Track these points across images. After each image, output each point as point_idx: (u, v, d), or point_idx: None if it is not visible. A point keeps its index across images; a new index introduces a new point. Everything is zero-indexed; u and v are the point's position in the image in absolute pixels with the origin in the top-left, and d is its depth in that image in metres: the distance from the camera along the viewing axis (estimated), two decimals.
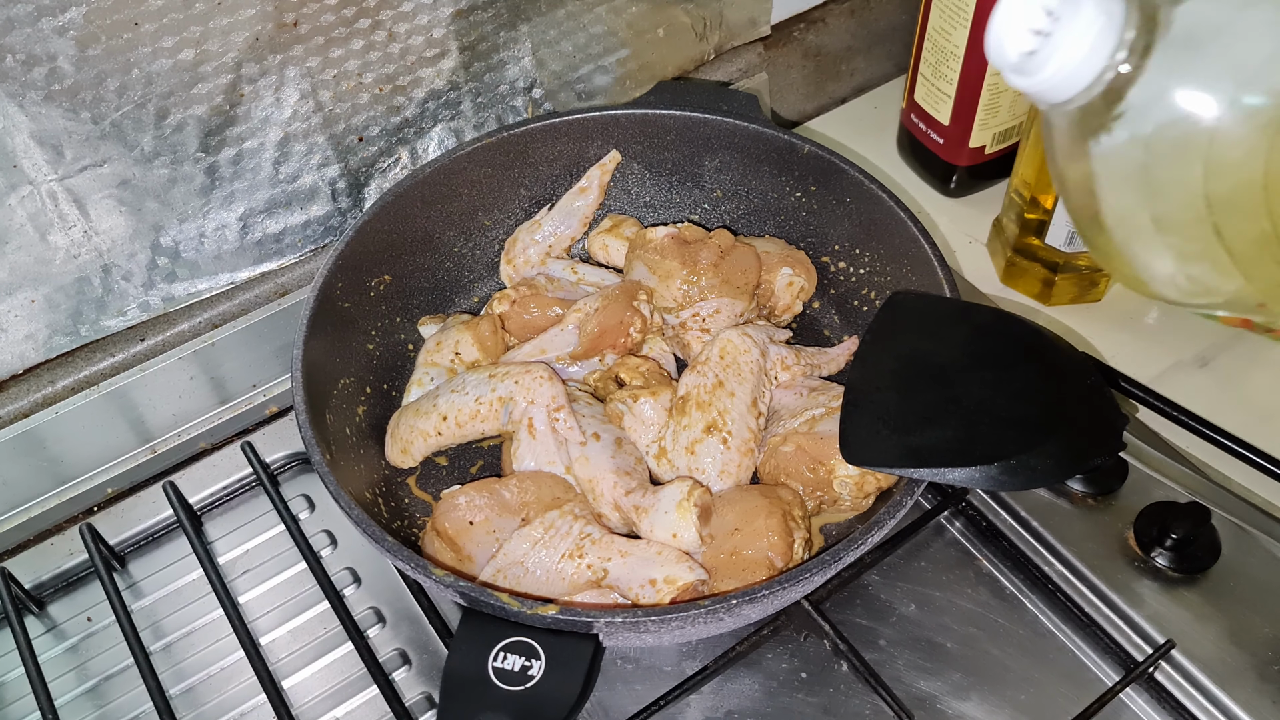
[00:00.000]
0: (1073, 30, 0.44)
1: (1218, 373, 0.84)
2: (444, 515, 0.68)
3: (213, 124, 0.75)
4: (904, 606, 0.71)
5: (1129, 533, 0.71)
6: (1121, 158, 0.46)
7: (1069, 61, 0.45)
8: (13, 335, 0.76)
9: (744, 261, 0.81)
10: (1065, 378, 0.66)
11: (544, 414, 0.72)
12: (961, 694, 0.67)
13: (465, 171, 0.84)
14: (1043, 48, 0.46)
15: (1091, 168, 0.48)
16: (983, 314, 0.71)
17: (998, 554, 0.73)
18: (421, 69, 0.83)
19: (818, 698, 0.67)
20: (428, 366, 0.80)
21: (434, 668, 0.71)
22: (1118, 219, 0.49)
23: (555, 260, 0.87)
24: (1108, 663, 0.68)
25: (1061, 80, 0.46)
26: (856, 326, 0.84)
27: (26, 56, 0.65)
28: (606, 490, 0.69)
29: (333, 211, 0.85)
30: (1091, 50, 0.45)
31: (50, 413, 0.78)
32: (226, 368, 0.84)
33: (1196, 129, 0.44)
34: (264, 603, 0.75)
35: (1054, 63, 0.46)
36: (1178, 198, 0.46)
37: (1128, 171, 0.46)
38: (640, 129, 0.87)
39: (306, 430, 0.66)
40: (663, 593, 0.63)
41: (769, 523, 0.65)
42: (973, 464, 0.60)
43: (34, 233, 0.73)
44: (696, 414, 0.72)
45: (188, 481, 0.81)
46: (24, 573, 0.76)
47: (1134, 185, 0.47)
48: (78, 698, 0.72)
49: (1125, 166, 0.46)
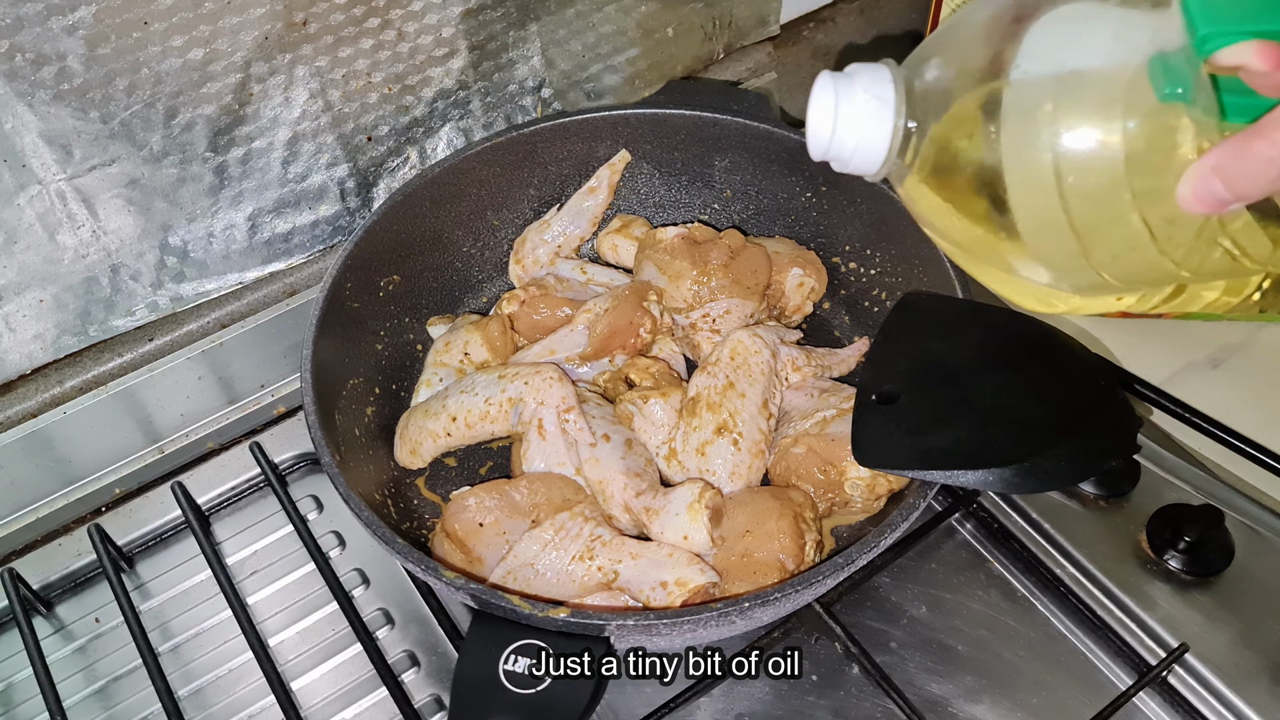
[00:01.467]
0: (854, 117, 0.49)
1: (1230, 374, 0.83)
2: (454, 517, 0.68)
3: (222, 123, 0.75)
4: (915, 609, 0.71)
5: (1141, 535, 0.71)
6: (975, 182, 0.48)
7: (862, 144, 0.49)
8: (21, 335, 0.76)
9: (754, 262, 0.80)
10: (1078, 379, 0.65)
11: (554, 415, 0.72)
12: (973, 697, 0.66)
13: (474, 171, 0.84)
14: (836, 138, 0.50)
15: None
16: (995, 315, 0.70)
17: (1009, 556, 0.73)
18: (430, 68, 0.82)
19: (828, 700, 0.67)
20: (436, 367, 0.80)
21: (443, 669, 0.70)
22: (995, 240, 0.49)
23: (564, 260, 0.87)
24: (1120, 666, 0.68)
25: (867, 159, 0.50)
26: (867, 327, 0.84)
27: (36, 55, 0.65)
28: (617, 492, 0.69)
29: (341, 211, 0.85)
30: (875, 130, 0.48)
31: (58, 413, 0.78)
32: (235, 368, 0.84)
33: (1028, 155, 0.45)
34: (272, 604, 0.75)
35: (850, 148, 0.50)
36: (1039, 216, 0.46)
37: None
38: (650, 129, 0.87)
39: (316, 431, 0.66)
40: (674, 595, 0.63)
41: (780, 525, 0.65)
42: (986, 466, 0.59)
43: (42, 232, 0.72)
44: (707, 415, 0.72)
45: (196, 482, 0.80)
46: (32, 573, 0.76)
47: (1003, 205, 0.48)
48: (86, 699, 0.71)
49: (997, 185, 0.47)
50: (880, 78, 0.49)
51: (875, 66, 0.50)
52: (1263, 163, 0.39)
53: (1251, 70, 0.40)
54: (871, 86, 0.49)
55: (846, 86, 0.49)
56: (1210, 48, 0.40)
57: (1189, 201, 0.41)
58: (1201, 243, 0.44)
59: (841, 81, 0.50)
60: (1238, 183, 0.39)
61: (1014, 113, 0.44)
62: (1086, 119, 0.43)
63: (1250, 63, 0.40)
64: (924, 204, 0.51)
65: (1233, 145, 0.40)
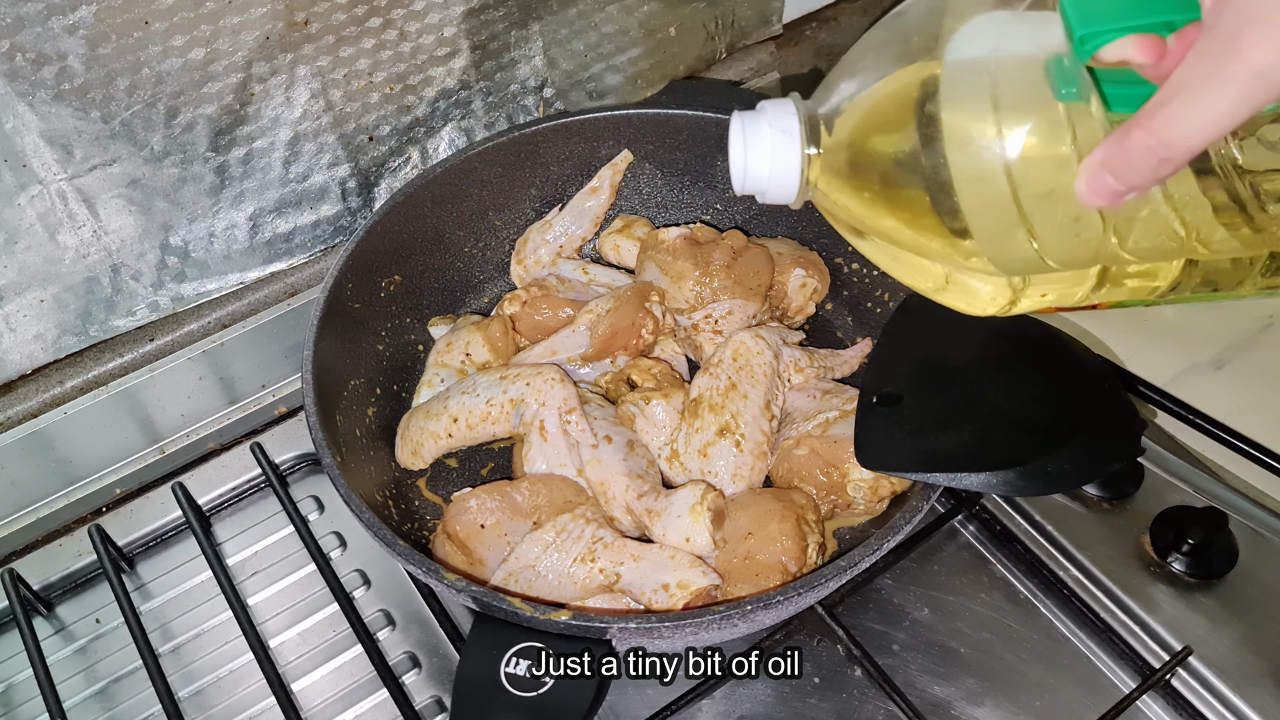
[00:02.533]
0: (762, 153, 0.50)
1: (1234, 375, 0.83)
2: (455, 518, 0.68)
3: (223, 123, 0.75)
4: (917, 611, 0.70)
5: (1145, 537, 0.71)
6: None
7: (775, 176, 0.51)
8: (22, 335, 0.76)
9: (757, 262, 0.80)
10: (1082, 381, 0.65)
11: (556, 416, 0.71)
12: (976, 700, 0.66)
13: (476, 171, 0.84)
14: (750, 173, 0.52)
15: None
16: (998, 317, 0.70)
17: (1012, 558, 0.73)
18: (432, 68, 0.82)
19: (830, 703, 0.67)
20: (438, 368, 0.80)
21: (444, 671, 0.70)
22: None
23: (566, 261, 0.87)
24: (1123, 669, 0.67)
25: (782, 190, 0.51)
26: (869, 328, 0.83)
27: (36, 55, 0.65)
28: (619, 493, 0.69)
29: (343, 211, 0.85)
30: (784, 162, 0.50)
31: (59, 413, 0.78)
32: (235, 368, 0.84)
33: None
34: (273, 605, 0.75)
35: (765, 181, 0.51)
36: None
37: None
38: (652, 129, 0.87)
39: (317, 432, 0.66)
40: (676, 598, 0.63)
41: (783, 527, 0.65)
42: (989, 469, 0.59)
43: (43, 232, 0.72)
44: (709, 416, 0.71)
45: (196, 482, 0.80)
46: (32, 574, 0.76)
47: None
48: (86, 699, 0.71)
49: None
50: (785, 112, 0.50)
51: (781, 101, 0.51)
52: (1142, 153, 0.39)
53: (1135, 64, 0.41)
54: (776, 121, 0.50)
55: (754, 124, 0.51)
56: (1089, 48, 0.41)
57: (1085, 196, 0.42)
58: (1143, 226, 0.45)
59: (749, 119, 0.51)
60: (1124, 174, 0.40)
61: (939, 119, 0.45)
62: (1003, 120, 0.44)
63: (1132, 57, 0.41)
64: (849, 218, 0.51)
65: (1114, 138, 0.40)
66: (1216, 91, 0.37)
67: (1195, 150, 0.39)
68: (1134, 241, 0.45)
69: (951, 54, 0.45)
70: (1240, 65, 0.37)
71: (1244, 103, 0.37)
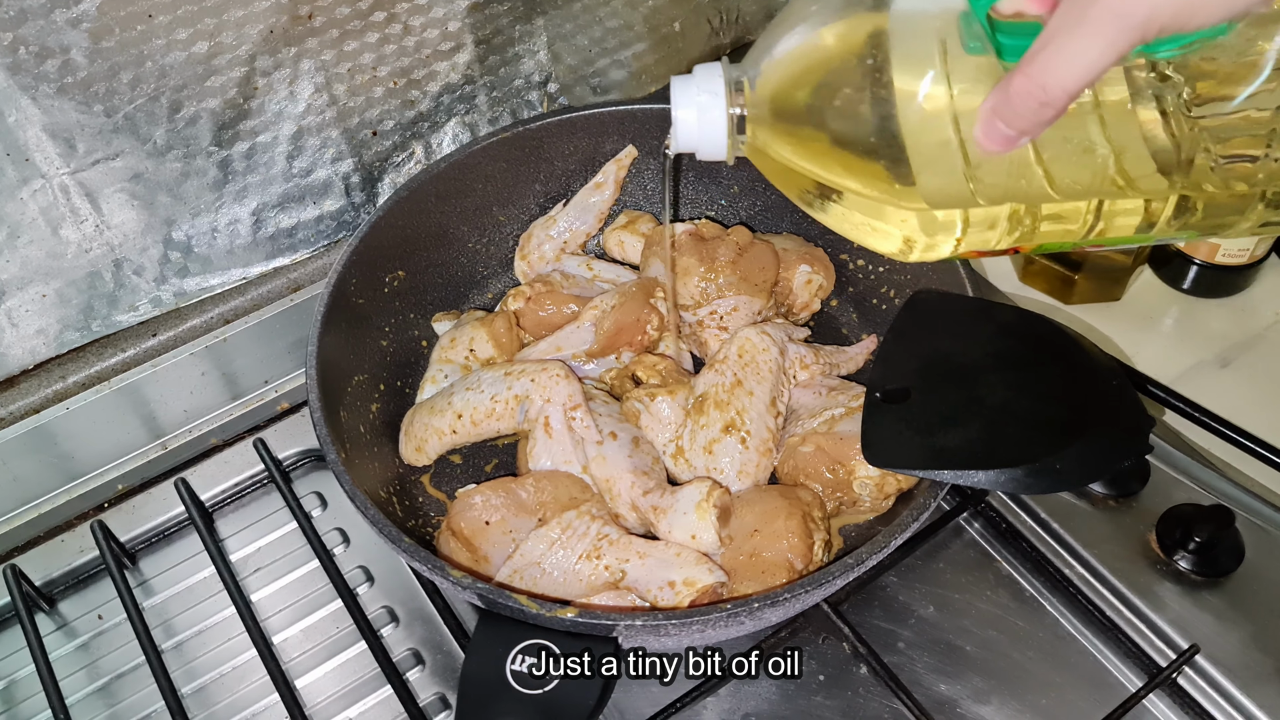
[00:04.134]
0: (693, 112, 0.54)
1: (1239, 373, 0.83)
2: (460, 515, 0.67)
3: (226, 117, 0.74)
4: (923, 608, 0.70)
5: (1151, 535, 0.70)
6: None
7: (705, 133, 0.55)
8: (24, 330, 0.75)
9: (762, 258, 0.80)
10: (1089, 379, 0.65)
11: (560, 412, 0.71)
12: (981, 698, 0.66)
13: (480, 166, 0.83)
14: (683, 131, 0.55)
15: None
16: (1005, 313, 0.70)
17: (1017, 556, 0.72)
18: (436, 63, 0.82)
19: (836, 700, 0.66)
20: (442, 363, 0.79)
21: (448, 668, 0.70)
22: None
23: (570, 256, 0.87)
24: (1130, 667, 0.67)
25: (713, 146, 0.55)
26: (875, 325, 0.83)
27: (40, 49, 0.65)
28: (624, 490, 0.69)
29: (346, 206, 0.84)
30: (712, 120, 0.54)
31: (61, 408, 0.78)
32: (238, 363, 0.84)
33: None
34: (276, 601, 0.75)
35: (697, 138, 0.55)
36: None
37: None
38: (657, 124, 0.86)
39: (321, 428, 0.66)
40: (682, 595, 0.63)
41: (789, 524, 0.65)
42: (997, 466, 0.59)
43: (46, 227, 0.72)
44: (714, 413, 0.71)
45: (199, 478, 0.80)
46: (35, 570, 0.75)
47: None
48: (89, 696, 0.71)
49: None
50: (712, 75, 0.55)
51: (710, 66, 0.55)
52: (1024, 98, 0.41)
53: (1029, 15, 0.43)
54: (704, 84, 0.54)
55: (684, 87, 0.55)
56: (984, 2, 0.43)
57: (982, 142, 0.44)
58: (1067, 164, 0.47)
59: (681, 83, 0.56)
60: (1012, 120, 0.42)
61: (885, 70, 0.47)
62: (944, 71, 0.46)
63: (1025, 9, 0.44)
64: (785, 169, 0.54)
65: (1000, 87, 0.42)
66: (1084, 37, 0.39)
67: (1072, 93, 0.41)
68: (1061, 179, 0.47)
69: (896, 5, 0.47)
70: (1101, 9, 0.39)
71: (1110, 47, 0.39)
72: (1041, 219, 0.51)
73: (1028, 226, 0.51)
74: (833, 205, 0.54)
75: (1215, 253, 0.85)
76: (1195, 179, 0.46)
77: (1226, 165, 0.45)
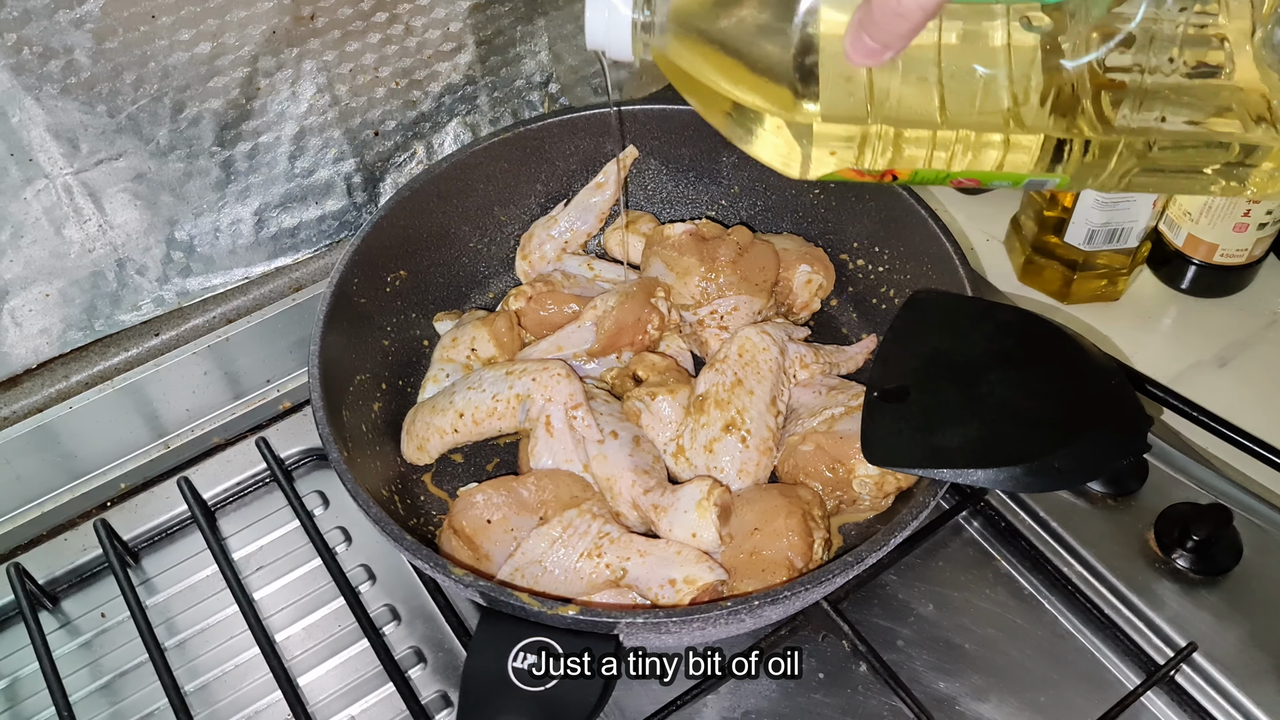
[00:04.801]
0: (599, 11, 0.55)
1: (1238, 372, 0.83)
2: (461, 513, 0.68)
3: (228, 118, 0.75)
4: (922, 606, 0.71)
5: (1149, 534, 0.71)
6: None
7: (611, 31, 0.55)
8: (27, 329, 0.76)
9: (762, 258, 0.80)
10: (1088, 378, 0.65)
11: (562, 411, 0.71)
12: (980, 695, 0.66)
13: (481, 167, 0.84)
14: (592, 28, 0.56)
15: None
16: (1005, 313, 0.70)
17: (1016, 554, 0.73)
18: (438, 63, 0.82)
19: (835, 698, 0.67)
20: (443, 363, 0.80)
21: (450, 665, 0.70)
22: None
23: (571, 256, 0.87)
24: (1128, 665, 0.67)
25: (619, 45, 0.56)
26: (875, 324, 0.83)
27: (43, 49, 0.65)
28: (625, 489, 0.69)
29: (348, 206, 0.85)
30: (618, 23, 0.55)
31: (64, 407, 0.78)
32: (241, 363, 0.84)
33: None
34: (278, 599, 0.75)
35: (604, 36, 0.56)
36: None
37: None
38: (657, 124, 0.87)
39: (324, 427, 0.66)
40: (682, 593, 0.63)
41: (789, 523, 0.65)
42: (996, 465, 0.59)
43: (49, 226, 0.72)
44: (715, 412, 0.71)
45: (202, 477, 0.80)
46: (38, 568, 0.76)
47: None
48: (92, 694, 0.71)
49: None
50: None
51: None
52: (884, 12, 0.43)
53: None
54: None
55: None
56: None
57: (850, 55, 0.46)
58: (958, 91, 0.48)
59: None
60: (876, 34, 0.44)
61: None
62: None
63: None
64: (685, 69, 0.55)
65: (864, 2, 0.44)
66: None
67: (929, 10, 0.42)
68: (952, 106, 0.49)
69: None
70: None
71: None
72: (909, 142, 0.52)
73: (901, 151, 0.53)
74: (730, 117, 0.55)
75: (1214, 253, 0.86)
76: (1071, 120, 0.48)
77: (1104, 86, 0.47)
